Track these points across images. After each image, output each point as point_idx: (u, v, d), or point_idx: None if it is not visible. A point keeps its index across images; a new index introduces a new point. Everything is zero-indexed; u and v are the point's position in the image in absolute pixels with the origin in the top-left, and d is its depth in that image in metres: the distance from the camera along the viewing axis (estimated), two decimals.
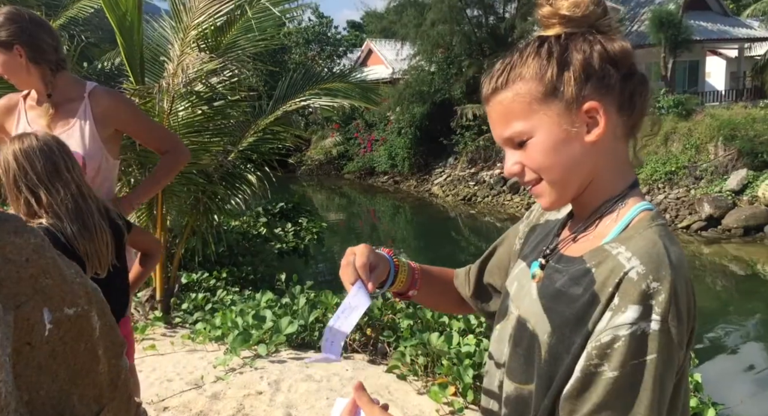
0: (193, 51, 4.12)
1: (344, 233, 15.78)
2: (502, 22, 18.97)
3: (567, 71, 0.83)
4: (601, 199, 0.87)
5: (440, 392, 2.90)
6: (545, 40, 0.86)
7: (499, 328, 0.99)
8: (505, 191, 16.97)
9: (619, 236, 0.83)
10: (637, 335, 0.73)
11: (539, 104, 0.84)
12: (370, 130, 23.04)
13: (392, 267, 1.06)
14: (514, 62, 0.87)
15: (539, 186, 0.88)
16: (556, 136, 0.84)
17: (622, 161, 0.88)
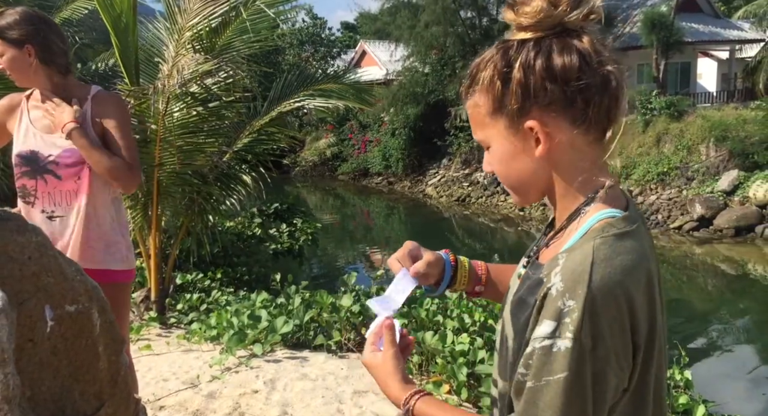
0: (188, 52, 4.13)
1: (338, 234, 15.81)
2: (496, 23, 19.04)
3: (509, 87, 0.82)
4: (568, 206, 0.87)
5: (435, 390, 2.93)
6: (504, 47, 0.85)
7: (498, 325, 1.02)
8: (499, 192, 17.04)
9: (571, 246, 0.82)
10: (548, 350, 0.75)
11: (490, 118, 0.85)
12: (364, 131, 23.07)
13: (448, 264, 1.07)
14: (477, 68, 0.86)
15: (507, 187, 0.93)
16: (506, 149, 0.86)
17: (585, 169, 0.86)
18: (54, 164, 2.00)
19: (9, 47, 1.93)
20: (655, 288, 0.81)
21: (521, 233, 14.64)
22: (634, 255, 0.79)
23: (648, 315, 0.79)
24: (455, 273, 1.08)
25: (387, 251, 13.84)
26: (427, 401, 0.90)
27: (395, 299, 0.99)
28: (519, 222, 15.35)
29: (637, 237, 0.82)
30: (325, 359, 3.46)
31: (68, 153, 2.01)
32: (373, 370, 0.94)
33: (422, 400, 0.90)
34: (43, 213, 2.02)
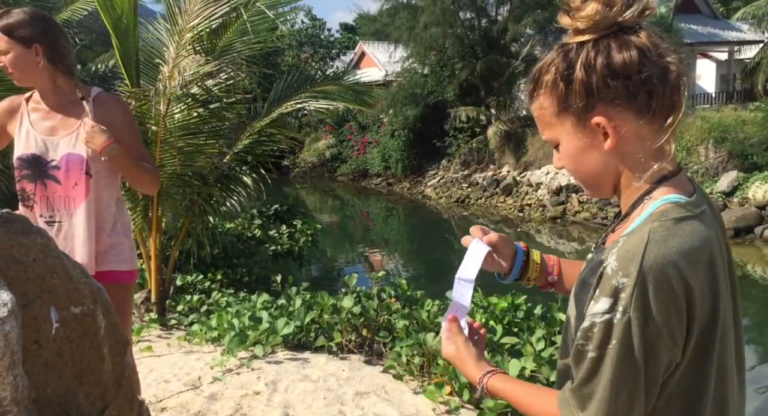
0: (188, 53, 4.14)
1: (338, 235, 15.80)
2: (495, 24, 19.06)
3: (573, 87, 0.87)
4: (633, 194, 0.92)
5: (436, 391, 2.93)
6: (563, 50, 0.89)
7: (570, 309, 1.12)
8: (498, 193, 17.04)
9: (632, 230, 0.87)
10: (606, 324, 0.82)
11: (556, 117, 0.90)
12: (364, 132, 23.07)
13: (520, 251, 1.14)
14: (540, 72, 0.91)
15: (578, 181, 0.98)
16: (574, 146, 0.91)
17: (650, 157, 0.90)
18: (56, 169, 2.00)
19: (16, 45, 1.93)
20: (719, 273, 0.85)
21: (521, 234, 14.64)
22: (693, 239, 0.83)
23: (710, 298, 0.84)
24: (527, 262, 1.14)
25: (386, 252, 13.84)
26: (499, 378, 1.00)
27: (469, 267, 1.06)
28: (518, 223, 15.36)
29: (701, 221, 0.86)
30: (326, 360, 3.46)
31: (71, 158, 2.01)
32: (453, 361, 1.05)
33: (494, 378, 0.99)
34: (41, 217, 2.02)
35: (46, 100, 2.03)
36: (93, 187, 2.01)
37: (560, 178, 15.88)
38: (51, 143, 2.00)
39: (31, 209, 2.03)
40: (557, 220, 14.81)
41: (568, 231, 14.20)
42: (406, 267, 12.02)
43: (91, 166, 2.00)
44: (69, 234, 2.02)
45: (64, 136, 2.01)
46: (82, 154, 1.99)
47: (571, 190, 15.24)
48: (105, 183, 2.05)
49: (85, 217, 2.00)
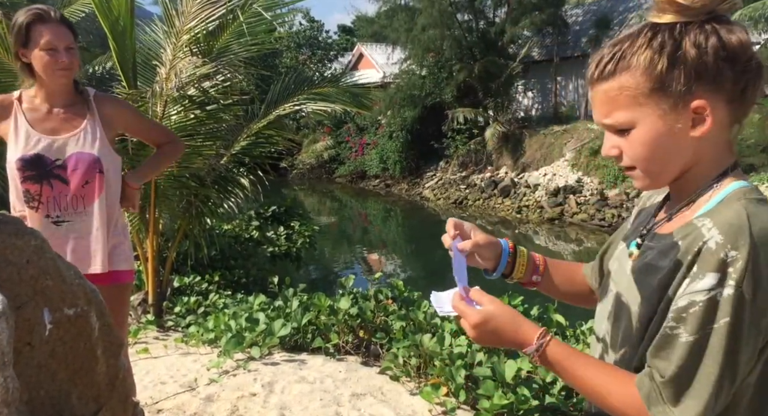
0: (185, 55, 4.14)
1: (336, 236, 15.79)
2: (492, 26, 19.07)
3: (678, 67, 0.82)
4: (699, 183, 0.90)
5: (433, 392, 2.93)
6: (658, 29, 0.84)
7: (600, 307, 1.06)
8: (496, 194, 17.05)
9: (709, 211, 0.85)
10: (713, 300, 0.77)
11: (645, 98, 0.84)
12: (362, 133, 23.08)
13: (506, 250, 1.11)
14: (624, 51, 0.85)
15: (635, 171, 0.91)
16: (658, 131, 0.85)
17: (723, 147, 0.90)
18: (61, 169, 2.01)
19: (76, 43, 2.00)
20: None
21: (518, 235, 14.65)
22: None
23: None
24: (513, 260, 1.12)
25: (385, 253, 13.84)
26: (558, 343, 0.91)
27: (458, 273, 1.02)
28: (516, 224, 15.37)
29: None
30: (323, 362, 3.46)
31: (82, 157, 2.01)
32: (493, 322, 0.92)
33: (553, 342, 0.91)
34: (48, 218, 2.01)
35: (53, 99, 2.03)
36: (106, 184, 2.04)
37: (558, 180, 15.89)
38: (55, 143, 2.01)
39: (36, 210, 2.02)
40: (555, 222, 14.82)
41: (565, 233, 14.21)
42: (404, 269, 12.02)
43: (102, 162, 2.02)
44: (81, 233, 2.03)
45: (71, 136, 2.01)
46: (93, 152, 2.01)
47: (568, 192, 15.26)
48: (114, 180, 2.08)
49: (99, 215, 2.03)
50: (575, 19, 20.45)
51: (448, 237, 1.06)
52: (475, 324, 0.93)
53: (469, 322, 0.93)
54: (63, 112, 2.03)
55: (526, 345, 0.91)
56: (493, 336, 0.93)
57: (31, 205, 2.02)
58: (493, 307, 0.93)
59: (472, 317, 0.93)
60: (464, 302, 0.95)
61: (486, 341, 0.94)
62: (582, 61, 17.95)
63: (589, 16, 19.91)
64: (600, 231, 13.65)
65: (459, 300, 0.95)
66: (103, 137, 2.03)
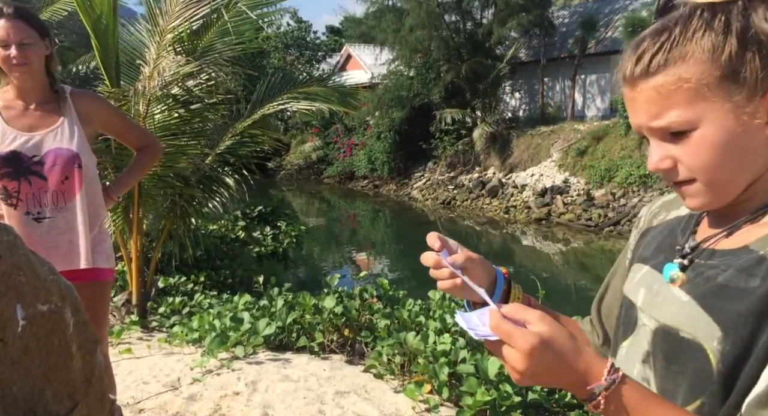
0: (169, 54, 4.12)
1: (324, 237, 15.77)
2: (480, 27, 19.15)
3: (751, 49, 0.67)
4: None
5: (416, 390, 2.94)
6: (716, 8, 0.70)
7: (626, 345, 0.84)
8: (484, 195, 17.12)
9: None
10: None
11: (711, 90, 0.69)
12: (350, 134, 23.08)
13: (501, 276, 0.93)
14: (674, 38, 0.70)
15: (693, 186, 0.74)
16: (731, 129, 0.69)
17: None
18: (39, 165, 1.99)
19: (35, 35, 1.96)
20: None
21: (506, 236, 14.72)
22: None
23: None
24: (508, 291, 0.93)
25: (373, 254, 13.84)
26: (634, 386, 0.67)
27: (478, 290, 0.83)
28: (504, 225, 15.44)
29: None
30: (307, 360, 3.46)
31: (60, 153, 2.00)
32: (552, 347, 0.66)
33: (628, 378, 0.67)
34: (28, 215, 2.00)
35: (27, 96, 2.02)
36: (85, 180, 2.03)
37: (545, 180, 15.99)
38: (32, 140, 1.99)
39: (15, 207, 2.01)
40: (542, 222, 14.91)
41: (552, 233, 14.29)
42: (392, 269, 12.03)
43: (81, 158, 2.02)
44: (63, 229, 2.02)
45: (48, 132, 2.01)
46: (72, 148, 2.00)
47: (555, 192, 15.35)
48: (93, 176, 2.08)
49: (81, 211, 2.02)
50: (562, 20, 20.59)
51: (432, 253, 0.87)
52: (530, 349, 0.65)
53: (519, 348, 0.66)
54: (39, 109, 2.02)
55: (590, 381, 0.66)
56: (549, 367, 0.66)
57: (9, 203, 2.01)
58: (547, 326, 0.67)
59: (524, 340, 0.65)
60: (509, 322, 0.68)
61: (539, 374, 0.67)
62: (569, 62, 18.07)
63: (575, 18, 20.05)
64: (586, 231, 13.75)
65: (500, 318, 0.68)
66: (81, 133, 2.03)
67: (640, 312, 0.82)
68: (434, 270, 0.88)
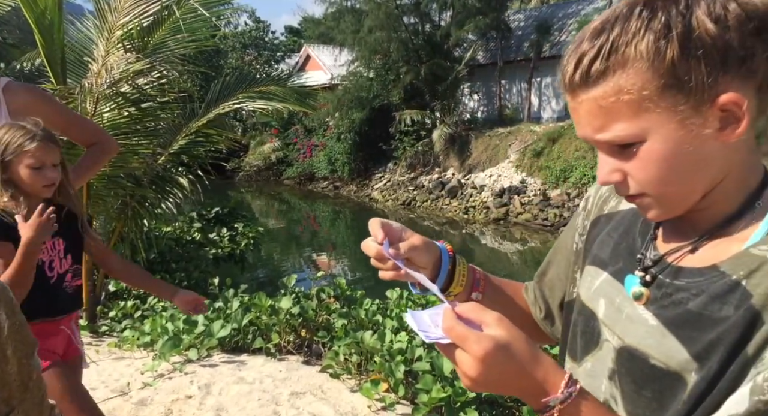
0: (118, 51, 4.02)
1: (284, 239, 15.64)
2: (438, 29, 19.33)
3: (695, 53, 0.60)
4: (731, 200, 0.69)
5: (372, 388, 2.94)
6: (656, 5, 0.62)
7: (591, 360, 0.80)
8: (444, 195, 17.27)
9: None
10: None
11: (654, 101, 0.63)
12: (310, 135, 22.95)
13: (445, 255, 0.88)
14: (613, 41, 0.63)
15: (645, 199, 0.70)
16: (679, 141, 0.64)
17: (752, 150, 0.68)
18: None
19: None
20: None
21: (465, 236, 14.89)
22: None
23: None
24: (453, 268, 0.88)
25: (333, 255, 13.79)
26: (589, 393, 0.64)
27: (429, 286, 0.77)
28: (463, 224, 15.61)
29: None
30: (263, 362, 3.42)
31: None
32: (507, 351, 0.62)
33: (586, 392, 0.64)
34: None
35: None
36: None
37: (503, 181, 16.25)
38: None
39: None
40: (500, 222, 15.14)
41: (510, 233, 14.53)
42: (352, 269, 12.01)
43: None
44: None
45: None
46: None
47: (513, 192, 15.62)
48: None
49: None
50: (517, 23, 20.97)
51: (373, 242, 0.83)
52: (484, 354, 0.61)
53: (473, 352, 0.61)
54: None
55: (546, 392, 0.62)
56: (503, 375, 0.62)
57: None
58: (505, 331, 0.63)
59: (478, 344, 0.61)
60: (463, 324, 0.63)
61: (492, 382, 0.63)
62: (525, 64, 18.43)
63: (530, 22, 20.45)
64: (543, 231, 14.03)
65: (454, 320, 0.63)
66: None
67: (602, 326, 0.78)
68: (375, 261, 0.85)
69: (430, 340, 0.66)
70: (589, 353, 0.80)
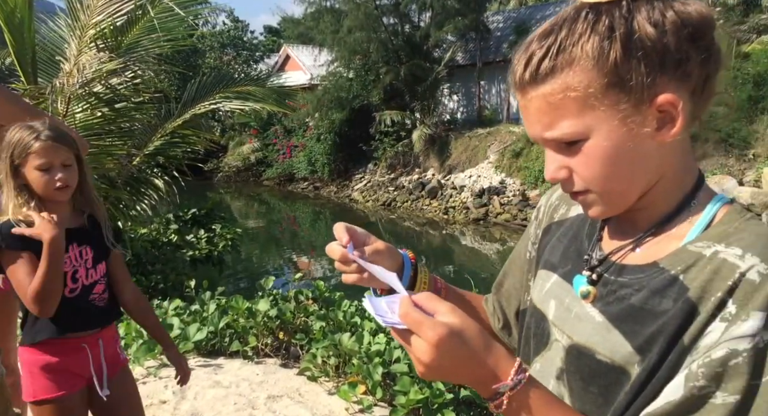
0: (91, 50, 3.95)
1: (263, 240, 15.53)
2: (418, 30, 19.38)
3: (636, 54, 0.64)
4: (669, 200, 0.73)
5: (350, 391, 2.92)
6: (601, 9, 0.66)
7: (540, 361, 0.82)
8: (424, 196, 17.31)
9: (705, 234, 0.69)
10: (760, 348, 0.60)
11: (599, 99, 0.66)
12: (289, 136, 22.83)
13: (407, 262, 0.89)
14: (560, 41, 0.67)
15: (589, 196, 0.73)
16: (620, 139, 0.67)
17: (688, 152, 0.72)
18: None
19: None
20: None
21: (446, 236, 14.94)
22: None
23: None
24: (415, 275, 0.89)
25: (314, 256, 13.73)
26: (539, 391, 0.66)
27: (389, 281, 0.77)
28: (443, 225, 15.66)
29: None
30: (240, 365, 3.38)
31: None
32: (459, 338, 0.64)
33: (535, 380, 0.66)
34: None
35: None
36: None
37: (482, 181, 16.33)
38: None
39: None
40: (480, 222, 15.22)
41: (490, 233, 14.62)
42: (332, 270, 11.98)
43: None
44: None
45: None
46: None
47: (492, 193, 15.71)
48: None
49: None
50: (496, 25, 21.12)
51: (338, 245, 0.83)
52: (438, 340, 0.62)
53: (427, 338, 0.62)
54: None
55: (495, 380, 0.64)
56: (455, 361, 0.63)
57: None
58: (458, 319, 0.64)
59: (432, 330, 0.62)
60: (419, 310, 0.65)
61: (444, 368, 0.64)
62: (504, 66, 18.53)
63: (509, 23, 20.62)
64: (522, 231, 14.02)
65: (411, 306, 0.65)
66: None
67: (552, 327, 0.81)
68: (340, 264, 0.86)
69: (386, 324, 0.68)
70: (539, 354, 0.82)
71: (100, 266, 1.74)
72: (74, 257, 1.70)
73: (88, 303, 1.71)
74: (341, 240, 0.84)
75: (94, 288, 1.73)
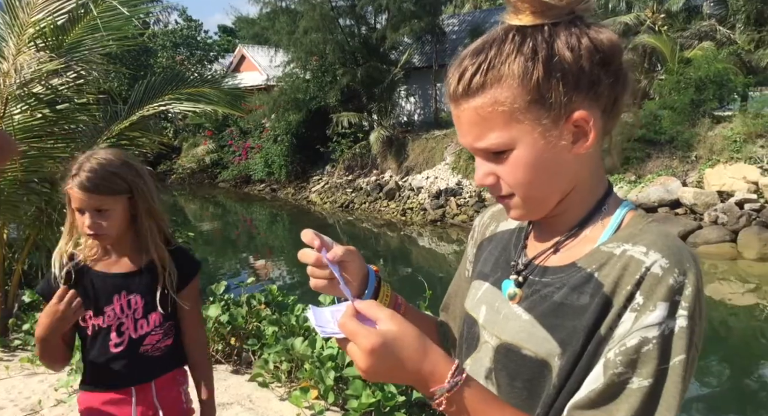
0: (30, 50, 3.80)
1: (220, 243, 15.26)
2: (374, 32, 19.41)
3: (555, 75, 0.71)
4: (583, 205, 0.80)
5: (302, 396, 2.90)
6: (526, 32, 0.73)
7: (470, 363, 0.87)
8: (381, 197, 17.34)
9: (615, 236, 0.77)
10: (665, 337, 0.66)
11: (522, 114, 0.73)
12: (245, 137, 22.50)
13: (372, 275, 0.91)
14: (490, 60, 0.73)
15: (513, 200, 0.79)
16: (541, 150, 0.74)
17: (599, 165, 0.81)
18: None
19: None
20: None
21: (403, 237, 15.00)
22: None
23: None
24: (378, 287, 0.92)
25: (271, 259, 13.57)
26: (476, 389, 0.70)
27: (345, 290, 0.82)
28: (401, 226, 15.72)
29: None
30: None
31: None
32: (395, 345, 0.68)
33: (472, 380, 0.70)
34: None
35: None
36: None
37: (439, 182, 16.48)
38: None
39: None
40: (437, 223, 15.34)
41: (447, 234, 14.75)
42: (289, 273, 11.86)
43: None
44: None
45: None
46: None
47: (449, 194, 15.87)
48: None
49: None
50: (452, 28, 21.36)
51: (311, 251, 0.85)
52: (371, 348, 0.67)
53: (362, 346, 0.67)
54: None
55: (433, 383, 0.68)
56: (391, 367, 0.68)
57: None
58: (396, 326, 0.69)
59: (366, 339, 0.67)
60: (356, 320, 0.70)
61: (382, 373, 0.69)
62: None
63: (464, 26, 20.88)
64: None
65: (349, 316, 0.70)
66: None
67: (482, 330, 0.87)
68: (313, 268, 0.86)
69: (325, 335, 0.73)
70: (469, 356, 0.88)
71: (152, 316, 1.57)
72: (119, 308, 1.54)
73: (138, 356, 1.55)
74: (313, 245, 0.86)
75: (145, 340, 1.57)
